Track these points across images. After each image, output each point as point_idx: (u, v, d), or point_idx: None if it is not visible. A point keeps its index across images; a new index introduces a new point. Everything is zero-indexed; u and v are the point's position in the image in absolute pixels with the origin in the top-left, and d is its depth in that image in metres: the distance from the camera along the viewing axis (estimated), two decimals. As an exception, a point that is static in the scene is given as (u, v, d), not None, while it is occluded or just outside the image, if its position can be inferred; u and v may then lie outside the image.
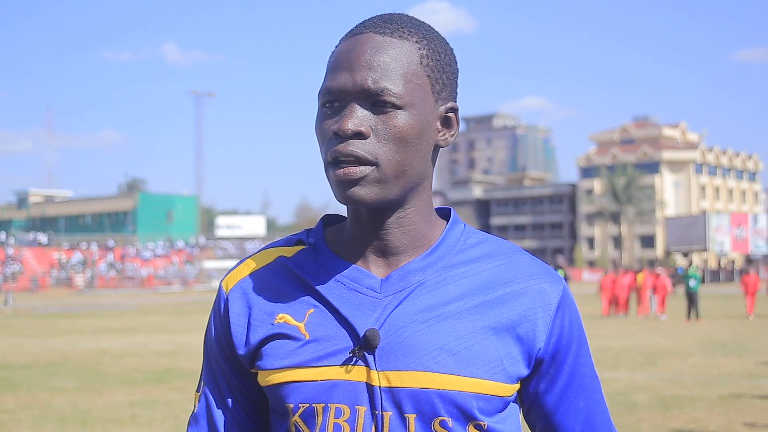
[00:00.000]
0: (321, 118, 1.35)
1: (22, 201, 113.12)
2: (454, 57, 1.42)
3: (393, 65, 1.31)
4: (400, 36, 1.34)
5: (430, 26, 1.40)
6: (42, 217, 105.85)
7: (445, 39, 1.41)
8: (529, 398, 1.41)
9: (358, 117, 1.30)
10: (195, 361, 15.63)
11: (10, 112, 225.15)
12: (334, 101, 1.33)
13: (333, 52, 1.38)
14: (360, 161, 1.29)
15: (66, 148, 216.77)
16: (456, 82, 1.42)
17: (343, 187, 1.31)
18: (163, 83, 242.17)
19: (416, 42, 1.35)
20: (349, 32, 1.38)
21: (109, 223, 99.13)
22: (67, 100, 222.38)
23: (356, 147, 1.29)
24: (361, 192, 1.30)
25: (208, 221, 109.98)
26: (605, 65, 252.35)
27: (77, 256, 74.20)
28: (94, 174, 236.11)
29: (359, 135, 1.30)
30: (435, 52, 1.37)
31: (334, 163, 1.31)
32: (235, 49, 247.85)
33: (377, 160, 1.30)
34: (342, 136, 1.30)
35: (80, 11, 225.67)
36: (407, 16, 1.40)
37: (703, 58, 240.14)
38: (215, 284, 67.30)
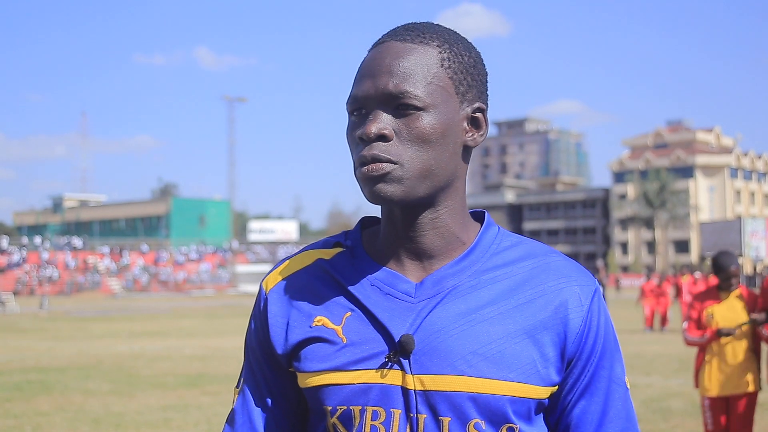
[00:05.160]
0: (350, 126, 1.39)
1: (57, 205, 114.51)
2: (481, 60, 1.44)
3: (413, 69, 1.34)
4: (421, 41, 1.37)
5: (455, 32, 1.43)
6: (77, 221, 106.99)
7: (471, 43, 1.43)
8: (552, 397, 1.40)
9: (381, 121, 1.33)
10: (227, 366, 15.73)
11: (46, 117, 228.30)
12: (360, 108, 1.36)
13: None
14: (383, 161, 1.32)
15: (100, 152, 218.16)
16: (484, 84, 1.44)
17: (369, 184, 1.33)
18: (196, 88, 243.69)
19: (437, 46, 1.37)
20: (374, 43, 1.42)
21: (143, 228, 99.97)
22: (101, 105, 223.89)
23: (379, 150, 1.32)
24: (387, 189, 1.33)
25: (240, 226, 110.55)
26: (638, 69, 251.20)
27: (111, 260, 74.93)
28: (127, 178, 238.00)
29: (382, 138, 1.33)
30: (457, 54, 1.38)
31: (360, 165, 1.34)
32: (267, 54, 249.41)
33: (400, 160, 1.32)
34: (366, 140, 1.33)
35: (113, 16, 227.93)
36: (431, 24, 1.42)
37: (738, 61, 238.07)
38: (248, 288, 67.57)
